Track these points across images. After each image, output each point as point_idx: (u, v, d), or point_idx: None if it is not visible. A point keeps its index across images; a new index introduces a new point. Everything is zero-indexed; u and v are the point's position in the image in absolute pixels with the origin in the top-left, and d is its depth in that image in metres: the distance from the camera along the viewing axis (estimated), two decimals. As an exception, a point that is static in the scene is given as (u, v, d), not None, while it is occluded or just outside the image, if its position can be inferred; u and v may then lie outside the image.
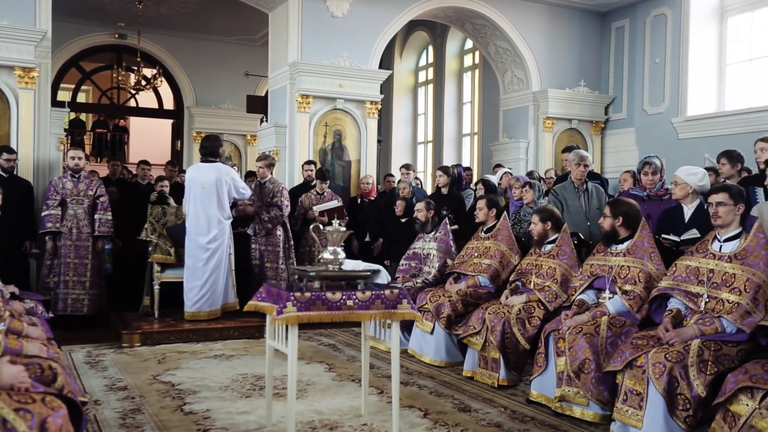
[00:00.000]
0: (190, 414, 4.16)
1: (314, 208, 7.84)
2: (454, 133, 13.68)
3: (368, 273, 3.88)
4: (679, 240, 4.66)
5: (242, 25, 12.92)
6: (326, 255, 3.86)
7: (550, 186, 7.63)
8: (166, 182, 8.52)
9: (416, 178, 9.43)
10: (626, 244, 4.50)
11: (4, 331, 3.03)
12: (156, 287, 7.01)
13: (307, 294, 3.59)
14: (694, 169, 4.84)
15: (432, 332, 5.61)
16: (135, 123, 18.91)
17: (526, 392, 4.75)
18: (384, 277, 3.99)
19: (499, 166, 9.83)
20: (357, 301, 3.69)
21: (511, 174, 8.08)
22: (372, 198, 8.70)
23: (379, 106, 9.40)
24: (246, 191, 7.10)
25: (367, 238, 8.39)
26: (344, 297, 3.66)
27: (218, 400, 4.47)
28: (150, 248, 7.20)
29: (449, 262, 6.18)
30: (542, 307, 4.93)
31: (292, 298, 3.54)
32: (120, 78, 12.41)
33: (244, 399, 4.50)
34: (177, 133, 13.96)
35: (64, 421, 2.34)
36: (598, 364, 4.09)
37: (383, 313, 3.77)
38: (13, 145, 7.20)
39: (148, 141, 18.04)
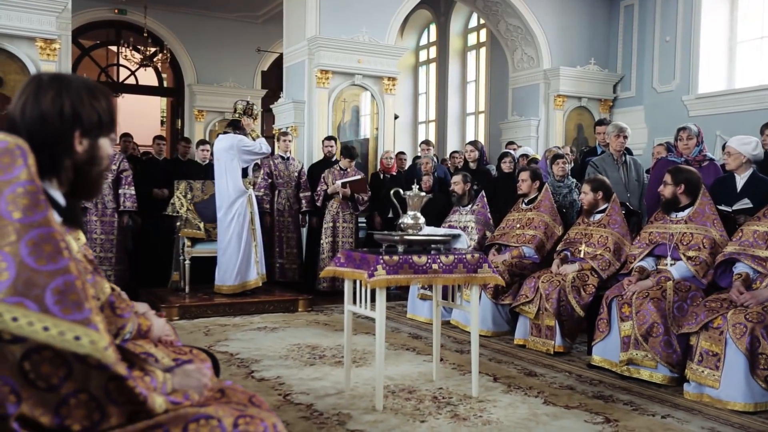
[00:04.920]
0: (263, 380, 4.16)
1: (337, 182, 7.81)
2: (458, 112, 13.67)
3: (449, 237, 3.90)
4: (731, 210, 4.75)
5: (244, 2, 12.73)
6: (407, 220, 3.87)
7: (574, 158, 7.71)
8: None
9: (435, 154, 9.41)
10: (687, 211, 4.56)
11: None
12: (186, 262, 6.95)
13: (395, 258, 3.60)
14: (747, 138, 4.91)
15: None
16: (121, 100, 18.58)
17: (582, 358, 4.83)
18: (464, 242, 4.00)
19: (511, 143, 9.87)
20: (441, 264, 3.71)
21: (527, 156, 8.13)
22: (393, 173, 8.69)
23: (397, 82, 9.36)
24: (253, 146, 6.55)
25: (390, 214, 8.38)
26: (429, 260, 3.68)
27: (284, 368, 4.47)
28: (179, 223, 7.15)
29: (488, 234, 6.21)
30: (596, 275, 5.00)
31: (381, 261, 3.55)
32: (128, 56, 12.16)
33: (310, 367, 4.51)
34: (177, 111, 13.75)
35: (212, 372, 2.34)
36: (666, 328, 4.16)
37: (465, 277, 3.80)
38: (35, 119, 7.04)
39: (135, 119, 17.75)
